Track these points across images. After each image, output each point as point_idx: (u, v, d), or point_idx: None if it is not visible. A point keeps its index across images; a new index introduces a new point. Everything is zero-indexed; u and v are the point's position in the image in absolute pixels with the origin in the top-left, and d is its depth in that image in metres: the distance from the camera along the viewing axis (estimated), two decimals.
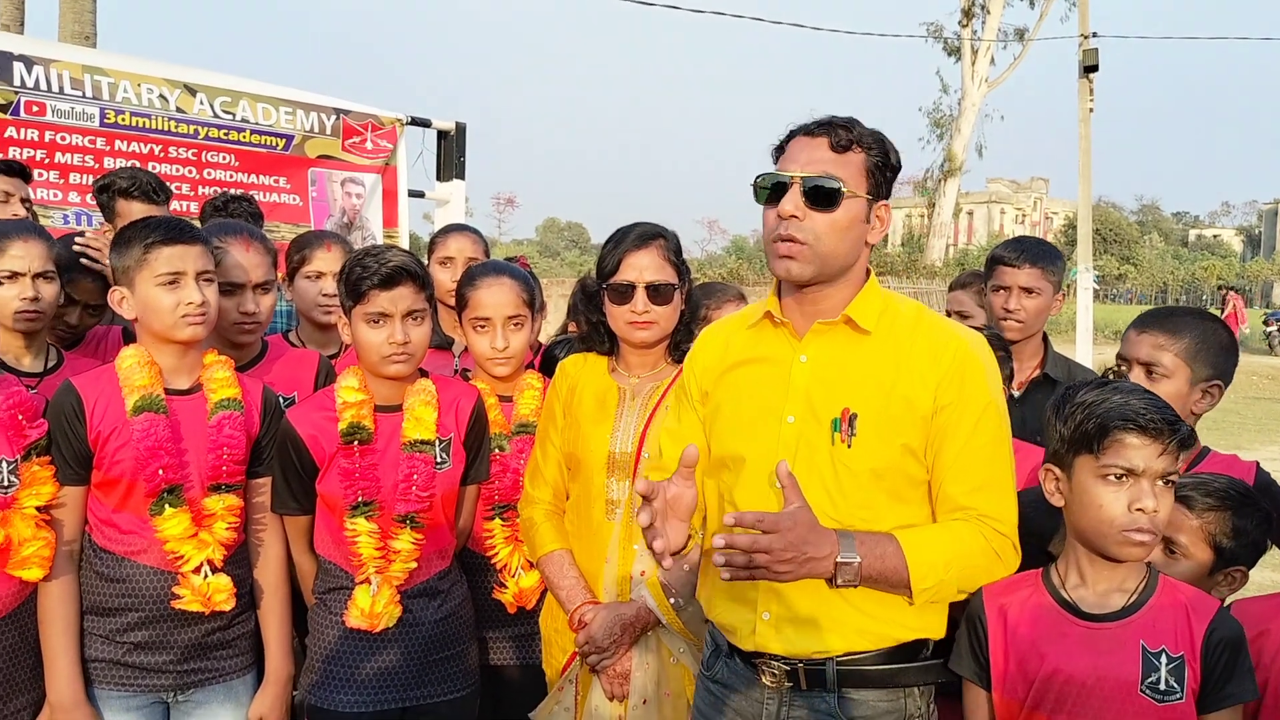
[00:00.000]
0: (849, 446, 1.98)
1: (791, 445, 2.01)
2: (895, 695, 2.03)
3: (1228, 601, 2.13)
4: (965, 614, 2.08)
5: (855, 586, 1.89)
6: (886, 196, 2.06)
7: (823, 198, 1.96)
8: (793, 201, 1.97)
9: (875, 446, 1.98)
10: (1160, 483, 1.89)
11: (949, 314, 4.22)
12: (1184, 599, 1.93)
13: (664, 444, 2.26)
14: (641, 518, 1.82)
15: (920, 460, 2.01)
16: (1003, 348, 2.83)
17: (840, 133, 1.99)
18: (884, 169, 2.03)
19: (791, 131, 2.06)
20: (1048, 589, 2.01)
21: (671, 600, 2.48)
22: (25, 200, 3.65)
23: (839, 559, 1.86)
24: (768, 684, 2.04)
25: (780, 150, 2.07)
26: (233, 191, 4.39)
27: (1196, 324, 2.44)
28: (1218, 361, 2.41)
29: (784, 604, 2.00)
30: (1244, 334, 24.43)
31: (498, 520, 2.79)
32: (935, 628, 2.05)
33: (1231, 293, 28.39)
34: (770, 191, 2.01)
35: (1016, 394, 3.20)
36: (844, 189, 1.97)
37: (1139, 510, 1.88)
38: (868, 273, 2.11)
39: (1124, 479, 1.90)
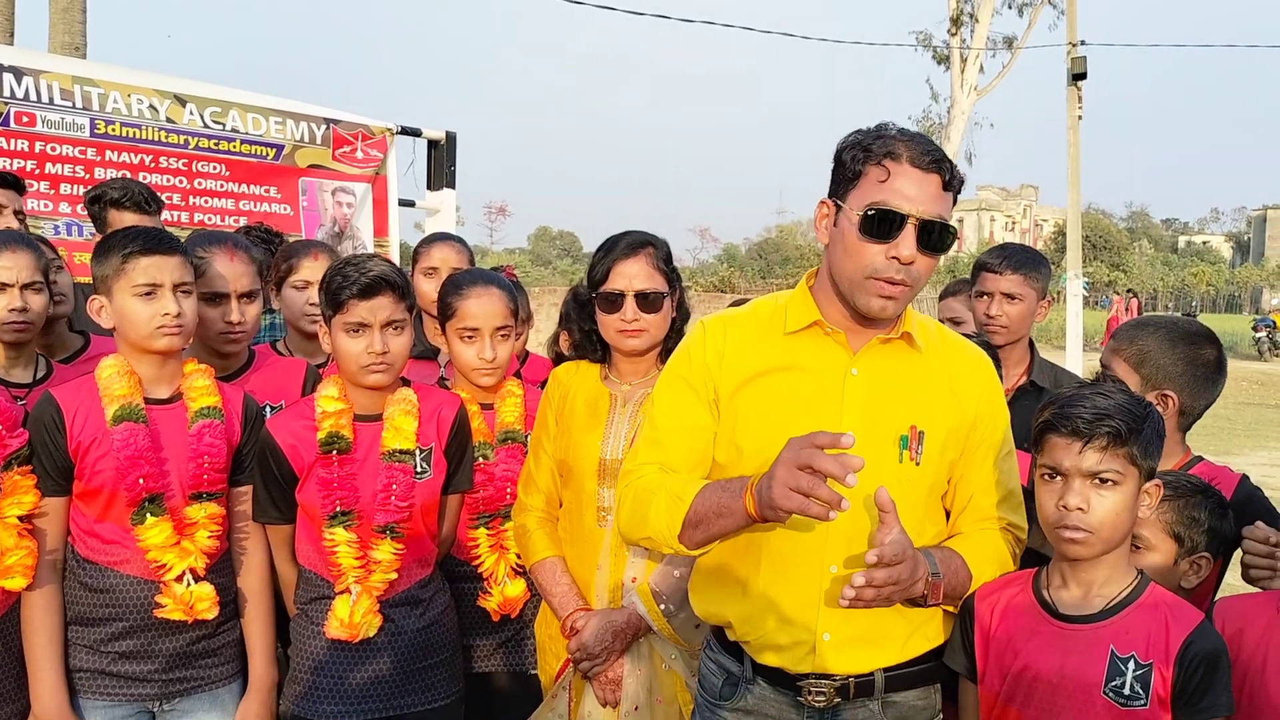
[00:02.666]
0: (918, 464, 1.98)
1: None
2: (928, 693, 2.09)
3: (1215, 594, 2.17)
4: (959, 609, 2.14)
5: (940, 604, 1.93)
6: None
7: (937, 242, 1.90)
8: (911, 245, 1.87)
9: (937, 464, 2.01)
10: (1095, 481, 1.92)
11: (941, 321, 4.25)
12: (1166, 608, 1.96)
13: (667, 439, 2.10)
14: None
15: (952, 473, 2.06)
16: (994, 356, 2.85)
17: (950, 171, 1.91)
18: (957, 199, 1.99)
19: (891, 148, 1.89)
20: (1033, 588, 2.07)
21: (662, 606, 2.49)
22: (19, 212, 3.65)
23: (930, 576, 1.90)
24: (813, 703, 2.01)
25: (869, 156, 1.90)
26: (264, 226, 4.36)
27: (1154, 333, 2.49)
28: (1172, 371, 2.44)
29: (847, 623, 1.98)
30: None
31: (482, 529, 2.79)
32: (949, 628, 2.12)
33: (1117, 296, 27.90)
34: (881, 228, 1.88)
35: None
36: (955, 230, 1.94)
37: (1064, 508, 1.93)
38: None
39: (1054, 478, 1.96)
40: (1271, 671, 1.98)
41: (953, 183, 1.92)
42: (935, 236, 1.89)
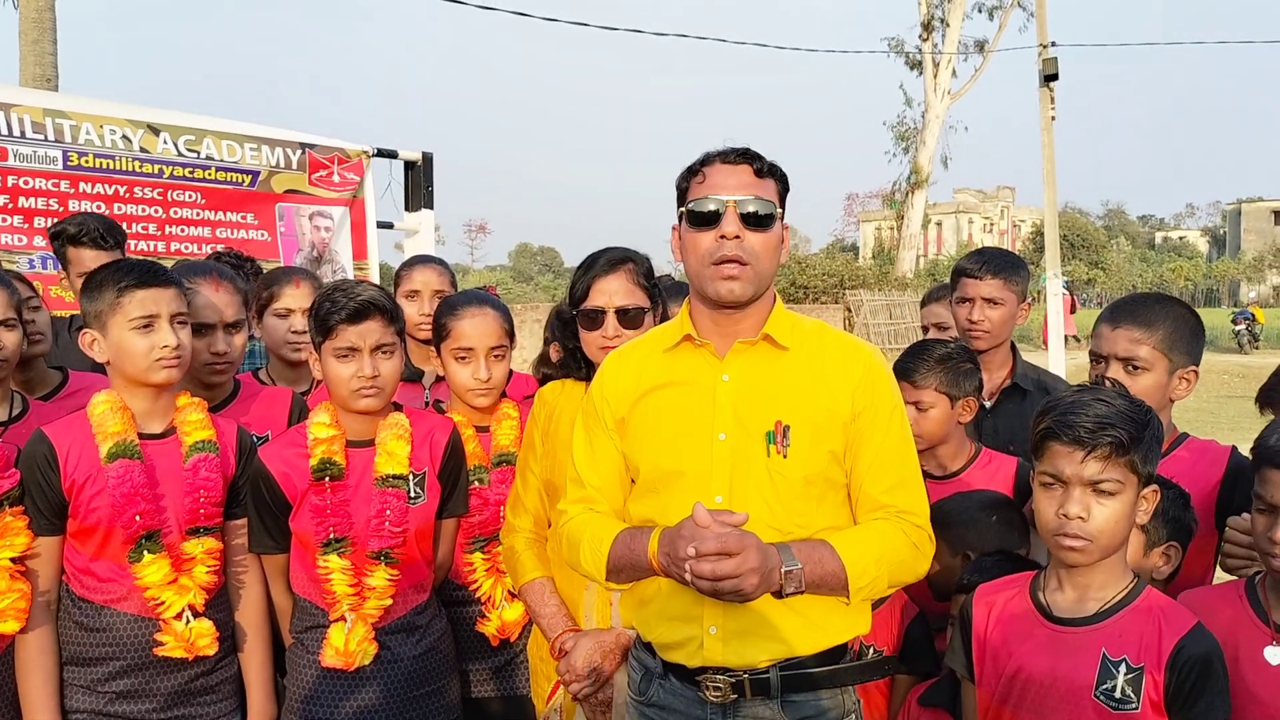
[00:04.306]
0: (785, 457, 2.06)
1: (726, 461, 2.08)
2: (834, 694, 2.10)
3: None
4: (959, 611, 2.17)
5: (801, 593, 1.95)
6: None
7: (757, 219, 2.06)
8: (733, 223, 2.05)
9: (807, 455, 2.06)
10: (1095, 489, 1.93)
11: (925, 329, 4.25)
12: (1159, 612, 1.97)
13: (584, 474, 2.28)
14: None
15: (841, 464, 2.11)
16: (971, 359, 2.85)
17: (759, 161, 2.10)
18: (786, 195, 2.16)
19: (706, 157, 2.14)
20: (1029, 591, 2.09)
21: None
22: None
23: (785, 569, 1.92)
24: (711, 699, 2.08)
25: (692, 175, 2.14)
26: (234, 251, 4.34)
27: (1168, 312, 2.46)
28: (1192, 347, 2.45)
29: (730, 617, 2.05)
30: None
31: (478, 553, 2.79)
32: (863, 625, 2.15)
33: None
34: (702, 217, 2.08)
35: (988, 404, 3.22)
36: (776, 210, 2.09)
37: (1064, 515, 1.94)
38: (774, 294, 2.20)
39: (1054, 485, 1.98)
40: (1244, 659, 1.99)
41: (764, 170, 2.10)
42: (757, 215, 2.06)
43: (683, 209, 2.13)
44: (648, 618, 2.18)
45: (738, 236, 2.05)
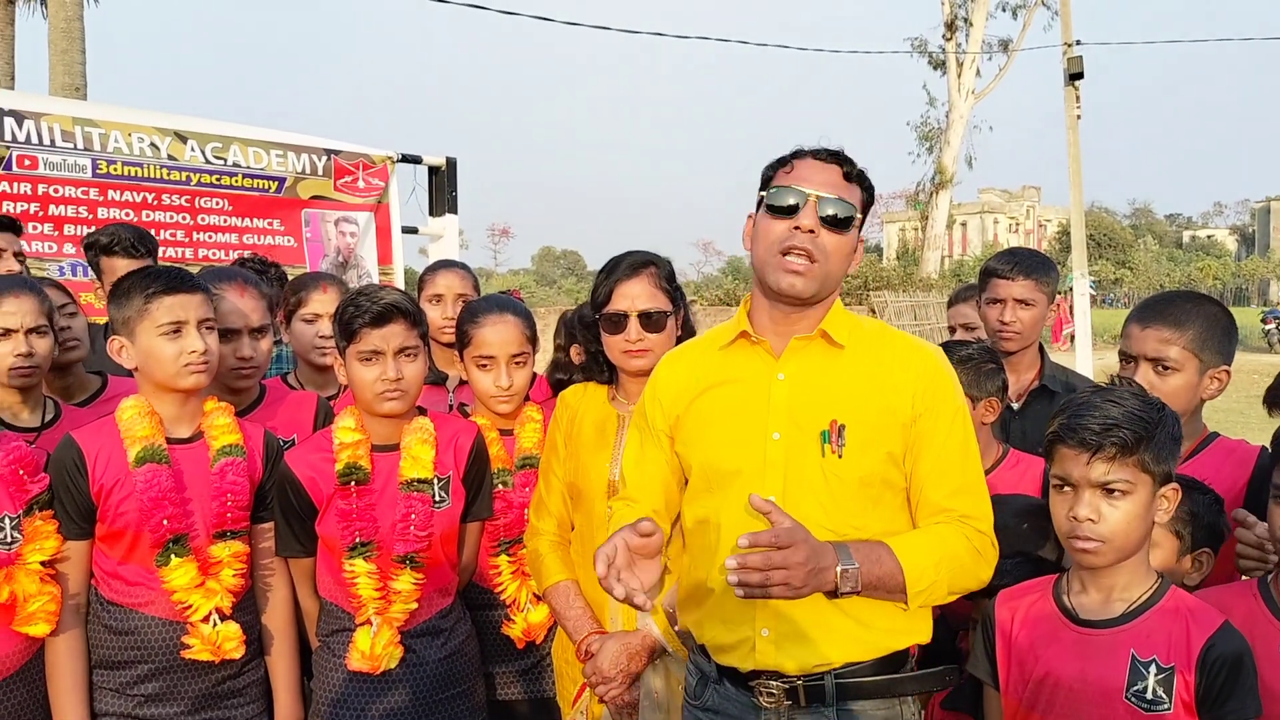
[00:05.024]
0: (840, 457, 2.02)
1: (780, 461, 2.05)
2: (890, 704, 2.07)
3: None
4: (980, 617, 2.14)
5: (857, 594, 1.92)
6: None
7: (837, 220, 2.03)
8: (811, 217, 2.02)
9: (863, 455, 2.03)
10: (1104, 491, 1.92)
11: (952, 329, 4.23)
12: (1187, 611, 1.94)
13: (628, 475, 2.29)
14: (598, 568, 1.83)
15: (900, 467, 2.07)
16: (994, 360, 2.83)
17: (850, 165, 2.07)
18: (870, 205, 2.12)
19: (798, 151, 2.11)
20: (1053, 594, 2.07)
21: (676, 627, 2.47)
22: (18, 255, 3.68)
23: (840, 567, 1.90)
24: (765, 705, 2.06)
25: (781, 165, 2.11)
26: (258, 257, 4.38)
27: (1199, 311, 2.41)
28: (1223, 347, 2.40)
29: (783, 619, 2.02)
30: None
31: (504, 556, 2.79)
32: (923, 632, 2.11)
33: (1060, 295, 27.24)
34: (782, 206, 2.05)
35: (1015, 405, 3.20)
36: (856, 215, 2.06)
37: (1073, 518, 1.93)
38: (835, 299, 2.18)
39: (1065, 488, 1.97)
40: (1261, 657, 1.96)
41: (853, 175, 2.07)
42: (836, 216, 2.03)
43: (763, 193, 2.10)
44: (701, 619, 2.16)
45: (812, 231, 2.02)
